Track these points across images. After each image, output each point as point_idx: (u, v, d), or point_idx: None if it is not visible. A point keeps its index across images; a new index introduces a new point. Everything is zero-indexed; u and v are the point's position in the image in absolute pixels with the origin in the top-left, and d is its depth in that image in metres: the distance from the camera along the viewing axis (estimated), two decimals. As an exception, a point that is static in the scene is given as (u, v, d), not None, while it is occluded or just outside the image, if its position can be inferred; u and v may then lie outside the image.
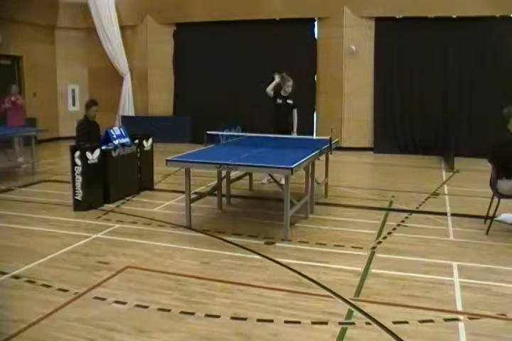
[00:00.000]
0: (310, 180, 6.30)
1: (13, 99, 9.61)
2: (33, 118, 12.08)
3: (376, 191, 7.83)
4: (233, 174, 7.11)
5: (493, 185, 5.53)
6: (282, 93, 7.97)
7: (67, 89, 13.97)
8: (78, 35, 13.86)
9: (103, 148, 6.74)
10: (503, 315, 3.57)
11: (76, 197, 6.44)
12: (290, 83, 7.95)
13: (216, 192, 6.63)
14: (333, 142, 6.63)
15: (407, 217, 6.21)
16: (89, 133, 7.06)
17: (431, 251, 4.96)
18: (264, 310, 3.65)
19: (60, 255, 4.81)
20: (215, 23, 12.50)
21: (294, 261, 4.65)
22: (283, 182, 7.77)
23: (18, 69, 12.97)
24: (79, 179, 6.41)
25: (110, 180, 6.78)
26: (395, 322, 3.46)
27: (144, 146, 7.63)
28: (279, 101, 7.94)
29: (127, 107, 13.78)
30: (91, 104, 7.30)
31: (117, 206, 6.68)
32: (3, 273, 4.30)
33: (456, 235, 5.50)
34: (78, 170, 6.41)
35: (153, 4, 13.21)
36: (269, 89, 7.93)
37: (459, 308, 3.71)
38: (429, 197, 7.29)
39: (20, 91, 12.75)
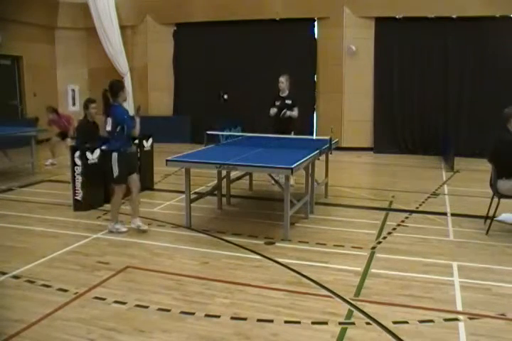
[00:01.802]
0: (310, 180, 6.29)
1: (50, 122, 10.06)
2: (34, 118, 12.09)
3: (376, 191, 7.83)
4: (233, 174, 7.11)
5: (493, 185, 5.53)
6: (281, 94, 7.92)
7: (67, 89, 13.97)
8: (78, 35, 13.85)
9: (103, 148, 6.73)
10: (503, 315, 3.58)
11: (76, 197, 6.44)
12: (280, 79, 7.81)
13: (216, 192, 6.63)
14: (333, 142, 6.63)
15: (407, 217, 6.21)
16: (89, 133, 7.06)
17: (431, 251, 4.96)
18: (264, 310, 3.66)
19: (60, 255, 4.81)
20: (215, 23, 12.50)
21: (294, 261, 4.65)
22: (292, 182, 7.76)
23: (18, 69, 12.97)
24: (79, 179, 6.42)
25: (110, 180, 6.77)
26: (395, 322, 3.46)
27: (143, 146, 7.63)
28: (277, 103, 7.87)
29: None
30: (88, 102, 7.30)
31: (117, 206, 6.68)
32: (3, 273, 4.30)
33: (456, 235, 5.50)
34: (78, 170, 6.41)
35: (153, 4, 13.21)
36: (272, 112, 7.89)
37: (459, 308, 3.71)
38: (429, 197, 7.29)
39: (19, 92, 12.83)
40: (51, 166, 9.62)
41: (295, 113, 7.76)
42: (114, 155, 5.22)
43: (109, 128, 5.19)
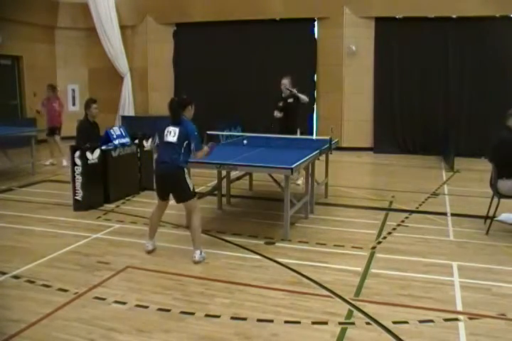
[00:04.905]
0: (310, 180, 6.29)
1: (44, 101, 10.04)
2: (32, 118, 12.10)
3: (376, 191, 7.83)
4: (233, 174, 7.11)
5: (493, 185, 5.53)
6: (283, 95, 7.94)
7: (67, 89, 13.96)
8: (78, 35, 13.85)
9: (103, 148, 6.74)
10: (503, 315, 3.58)
11: (76, 197, 6.44)
12: (282, 81, 7.88)
13: (216, 192, 6.63)
14: (333, 142, 6.64)
15: (407, 217, 6.21)
16: (89, 133, 7.06)
17: (431, 251, 4.96)
18: (264, 310, 3.66)
19: (60, 255, 4.81)
20: (215, 23, 12.50)
21: (294, 261, 4.65)
22: (299, 182, 7.76)
23: (18, 69, 12.98)
24: (79, 179, 6.42)
25: (110, 180, 6.78)
26: (395, 322, 3.46)
27: (143, 146, 7.63)
28: (280, 104, 7.88)
29: (127, 107, 13.78)
30: (90, 102, 7.30)
31: (117, 206, 6.69)
32: (3, 273, 4.30)
33: (456, 235, 5.50)
34: (78, 170, 6.41)
35: (153, 4, 13.21)
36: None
37: (459, 308, 3.71)
38: (429, 197, 7.29)
39: (19, 92, 12.85)
40: (51, 166, 9.64)
41: (304, 97, 7.83)
42: (185, 171, 4.68)
43: (174, 139, 4.63)
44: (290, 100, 7.88)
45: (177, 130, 4.66)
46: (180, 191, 4.69)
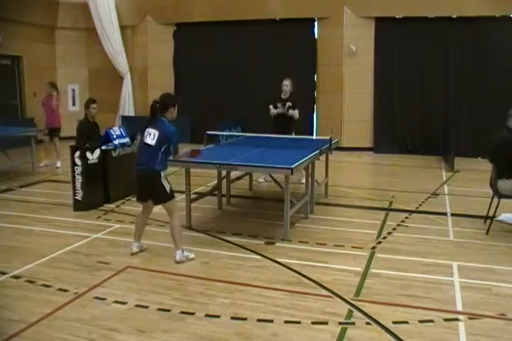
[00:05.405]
0: (310, 180, 6.29)
1: (44, 100, 9.94)
2: (32, 118, 12.10)
3: (376, 191, 7.83)
4: (233, 174, 7.11)
5: (493, 185, 5.53)
6: (282, 96, 7.92)
7: (67, 89, 13.96)
8: (78, 35, 13.87)
9: (103, 148, 6.74)
10: (503, 315, 3.58)
11: (76, 197, 6.44)
12: (284, 82, 7.89)
13: (216, 192, 6.63)
14: (333, 142, 6.64)
15: (407, 217, 6.21)
16: (89, 134, 7.07)
17: (431, 251, 4.96)
18: (264, 310, 3.66)
19: (60, 255, 4.81)
20: (215, 23, 12.50)
21: (294, 261, 4.65)
22: (304, 181, 7.75)
23: (18, 69, 12.99)
24: (79, 179, 6.42)
25: (110, 180, 6.78)
26: (395, 322, 3.46)
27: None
28: (279, 105, 7.85)
29: (127, 107, 13.78)
30: (90, 102, 7.32)
31: (117, 206, 6.69)
32: (3, 273, 4.31)
33: (456, 235, 5.50)
34: (78, 170, 6.41)
35: (153, 4, 13.21)
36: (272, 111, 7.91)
37: (459, 308, 3.71)
38: (429, 197, 7.29)
39: (19, 92, 12.84)
40: (45, 167, 9.58)
41: (296, 113, 7.79)
42: (162, 174, 4.59)
43: (152, 142, 4.53)
44: (289, 104, 7.80)
45: (157, 133, 4.54)
46: (156, 193, 4.66)
